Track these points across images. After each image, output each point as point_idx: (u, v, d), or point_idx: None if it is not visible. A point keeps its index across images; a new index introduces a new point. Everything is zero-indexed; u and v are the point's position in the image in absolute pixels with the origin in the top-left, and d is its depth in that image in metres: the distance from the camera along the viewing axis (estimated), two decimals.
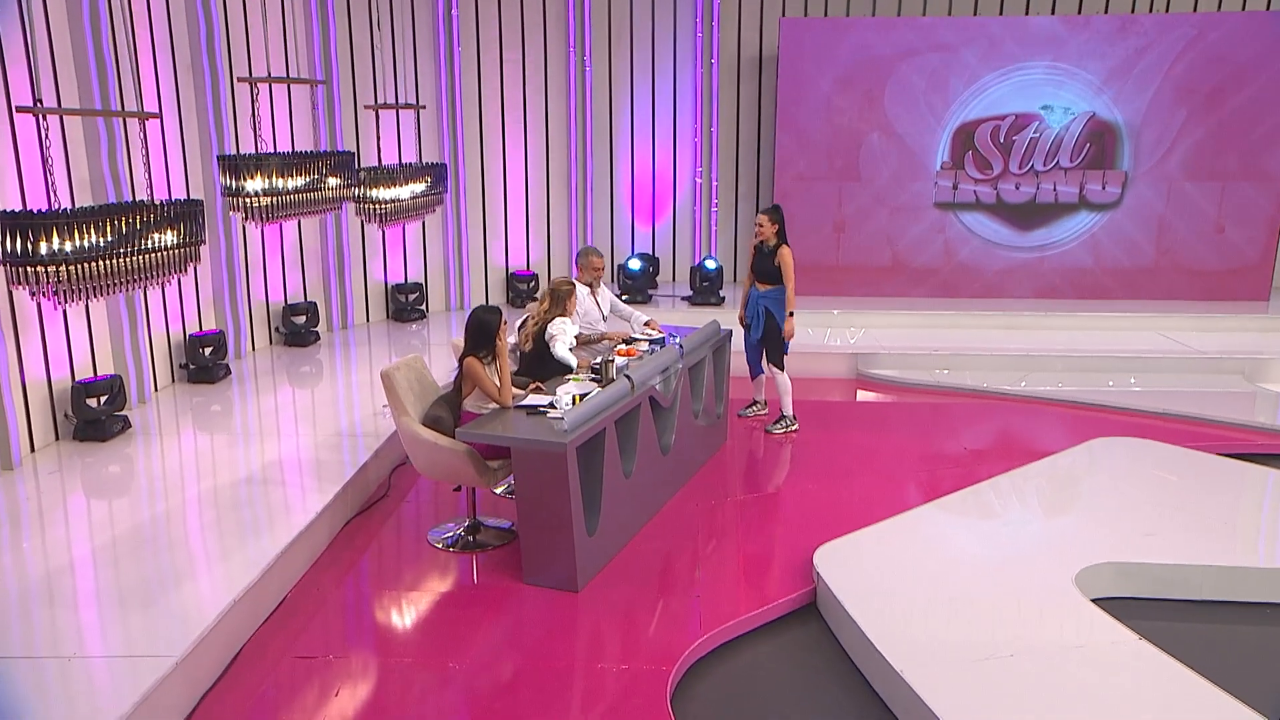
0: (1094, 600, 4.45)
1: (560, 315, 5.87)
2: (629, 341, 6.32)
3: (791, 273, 6.68)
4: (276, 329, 8.88)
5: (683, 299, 10.17)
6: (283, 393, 7.54)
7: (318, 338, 9.01)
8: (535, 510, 4.70)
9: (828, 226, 10.51)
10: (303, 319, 8.89)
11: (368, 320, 9.95)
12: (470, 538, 5.30)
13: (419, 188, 7.46)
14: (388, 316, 10.09)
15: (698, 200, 11.06)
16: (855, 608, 4.34)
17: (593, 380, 5.45)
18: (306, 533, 4.91)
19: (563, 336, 5.78)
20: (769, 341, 6.80)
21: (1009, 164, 10.28)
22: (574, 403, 4.95)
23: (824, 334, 9.40)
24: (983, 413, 7.80)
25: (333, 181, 6.31)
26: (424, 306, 10.20)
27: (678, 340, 6.19)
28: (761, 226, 6.70)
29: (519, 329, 5.91)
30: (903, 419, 7.69)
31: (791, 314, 6.67)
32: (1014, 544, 5.09)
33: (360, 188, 6.94)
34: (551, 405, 4.98)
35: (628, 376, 5.31)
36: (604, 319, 6.53)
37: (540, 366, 5.79)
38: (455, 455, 4.92)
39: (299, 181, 5.86)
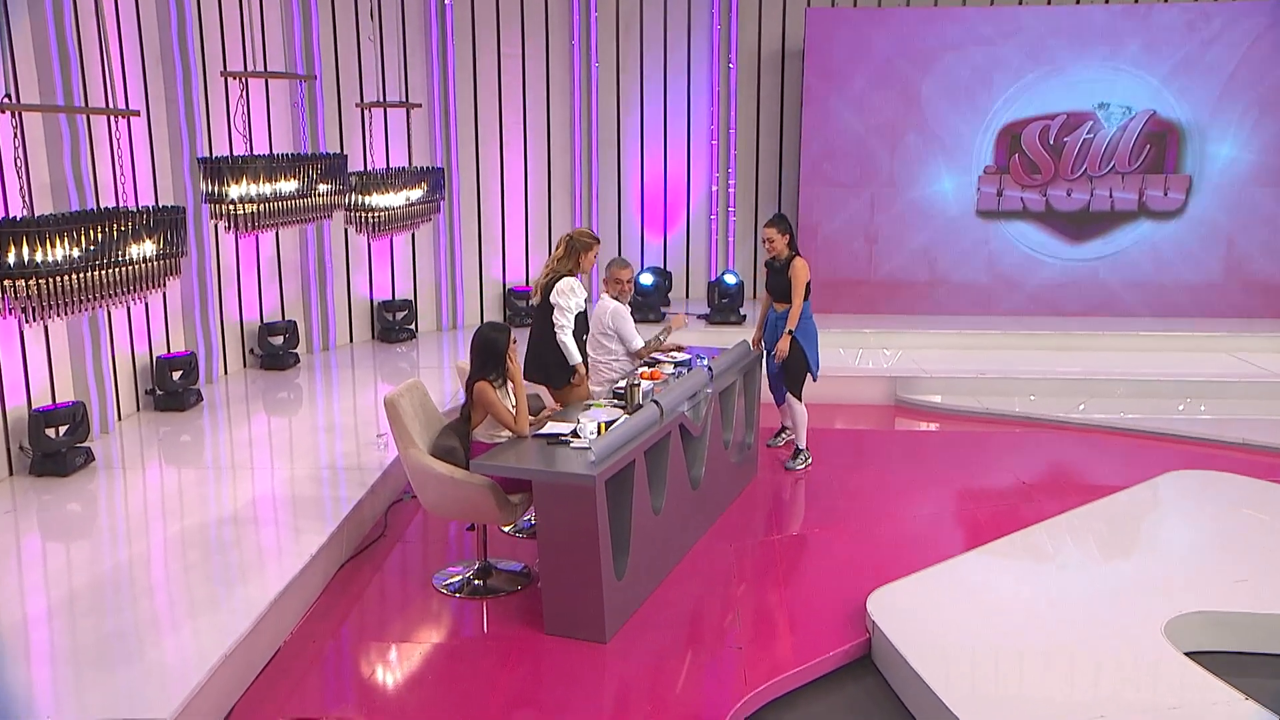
0: (1186, 654, 4.40)
1: (572, 271, 5.80)
2: (651, 364, 6.28)
3: (801, 287, 6.64)
4: (252, 350, 8.84)
5: (699, 317, 10.16)
6: (259, 422, 7.49)
7: (297, 360, 8.98)
8: (559, 552, 4.65)
9: (859, 238, 10.51)
10: (281, 339, 8.86)
11: (351, 341, 9.92)
12: (480, 582, 5.24)
13: (415, 194, 7.45)
14: (373, 337, 10.07)
15: (714, 209, 11.08)
16: (919, 660, 4.28)
17: (617, 406, 5.42)
18: (299, 579, 4.84)
19: (567, 307, 5.70)
20: (789, 371, 6.79)
21: (1060, 168, 10.32)
22: (600, 431, 4.91)
23: (856, 356, 9.39)
24: (1036, 443, 7.78)
25: (323, 187, 6.28)
26: (413, 326, 10.17)
27: (706, 362, 6.16)
28: (771, 241, 6.67)
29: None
30: (948, 450, 7.67)
31: (790, 332, 6.61)
32: (1088, 590, 5.04)
33: (353, 194, 6.92)
34: (574, 434, 4.94)
35: (656, 402, 5.28)
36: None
37: (546, 329, 5.74)
38: (475, 490, 4.88)
39: (287, 187, 5.84)
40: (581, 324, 5.95)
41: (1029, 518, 6.06)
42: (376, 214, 7.04)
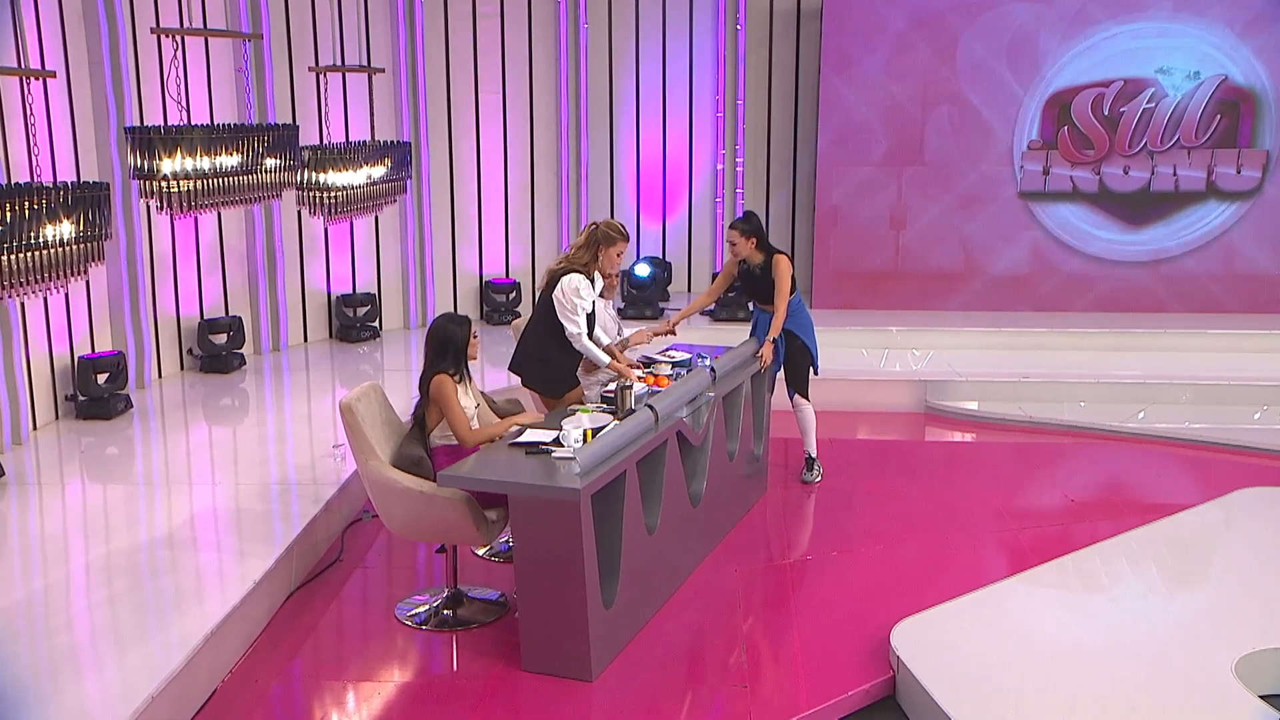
0: (1262, 697, 4.39)
1: (585, 268, 5.75)
2: (648, 364, 6.27)
3: (787, 289, 6.67)
4: (190, 351, 8.81)
5: (702, 313, 10.14)
6: (199, 431, 7.47)
7: (243, 362, 8.96)
8: (539, 576, 4.62)
9: (883, 222, 10.50)
10: (224, 338, 8.84)
11: (306, 340, 9.89)
12: (450, 612, 5.23)
13: (377, 172, 7.44)
14: (331, 335, 10.05)
15: (720, 192, 11.07)
16: (950, 702, 4.27)
17: (606, 411, 5.40)
18: (240, 609, 4.82)
19: (571, 309, 5.67)
20: (790, 364, 6.78)
21: (1116, 142, 10.30)
22: (585, 439, 4.89)
23: (881, 358, 9.38)
24: (1087, 456, 7.76)
25: (271, 163, 6.28)
26: (377, 323, 10.14)
27: (708, 362, 6.15)
28: (734, 245, 6.67)
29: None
30: (985, 463, 7.64)
31: (774, 340, 6.62)
32: (1147, 624, 5.03)
33: (305, 171, 6.92)
34: (557, 442, 4.92)
35: (650, 407, 5.26)
36: (620, 334, 6.49)
37: (545, 324, 5.74)
38: (448, 506, 4.86)
39: (229, 162, 5.83)
40: (587, 323, 5.89)
41: (1078, 541, 6.04)
42: (332, 194, 7.04)
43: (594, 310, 5.91)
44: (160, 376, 8.55)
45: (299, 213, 9.19)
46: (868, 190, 10.44)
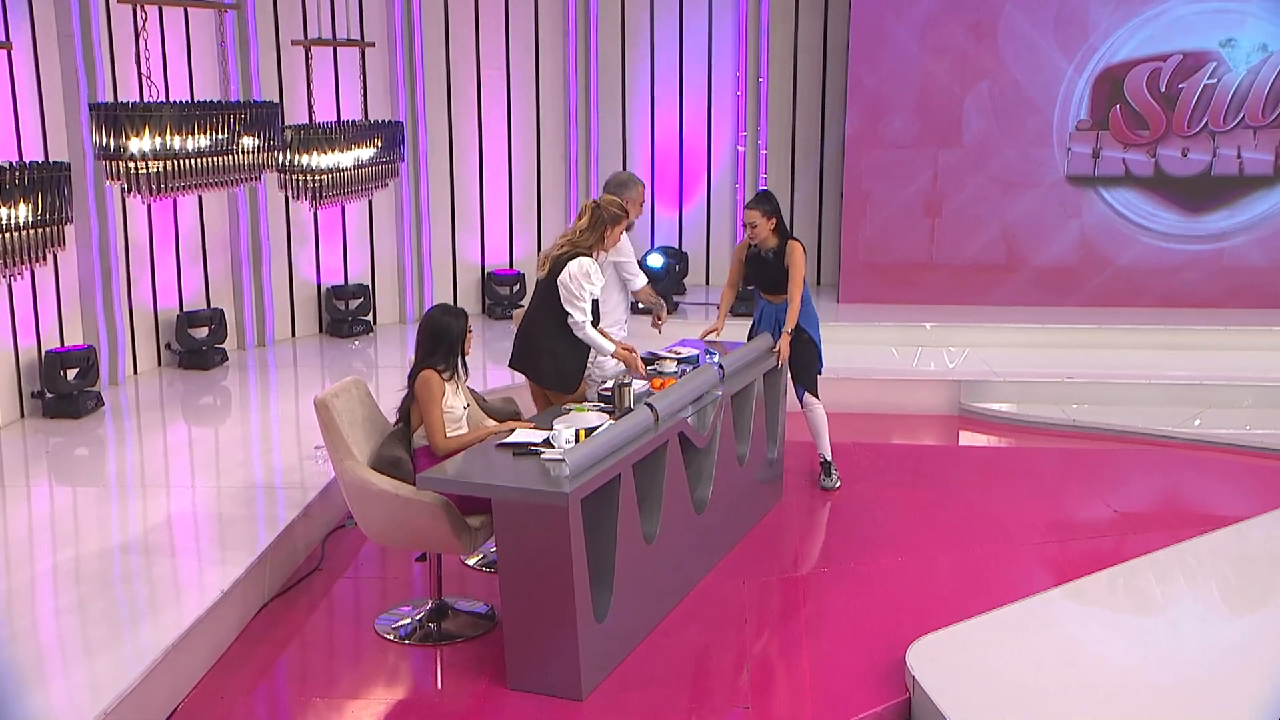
0: None
1: (590, 249, 5.79)
2: (650, 361, 6.28)
3: (802, 278, 6.65)
4: (168, 345, 8.88)
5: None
6: (177, 431, 7.53)
7: (225, 357, 9.02)
8: (525, 588, 4.63)
9: (917, 209, 10.47)
10: (205, 332, 8.91)
11: (294, 335, 9.95)
12: (433, 626, 5.25)
13: (366, 154, 7.47)
14: (321, 330, 10.10)
15: (740, 176, 11.06)
16: None
17: (602, 410, 5.41)
18: (207, 620, 4.85)
19: (579, 296, 5.70)
20: (798, 362, 6.78)
21: (1174, 122, 10.24)
22: (577, 439, 4.90)
23: (913, 355, 9.37)
24: (1136, 463, 7.72)
25: (249, 142, 6.32)
26: (370, 317, 10.19)
27: (716, 359, 6.15)
28: (755, 227, 6.64)
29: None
30: (1022, 470, 7.61)
31: (790, 332, 6.61)
32: (1192, 644, 4.99)
33: (286, 152, 6.96)
34: (547, 443, 4.94)
35: (649, 405, 5.27)
36: (626, 314, 6.52)
37: (547, 314, 5.78)
38: (424, 511, 4.88)
39: (202, 141, 5.87)
40: (596, 314, 5.94)
41: (1121, 555, 6.01)
42: (317, 177, 7.07)
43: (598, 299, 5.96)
44: (136, 373, 8.62)
45: (286, 198, 9.23)
46: (900, 175, 10.41)
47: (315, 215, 9.80)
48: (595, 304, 5.89)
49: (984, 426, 8.49)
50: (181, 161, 5.80)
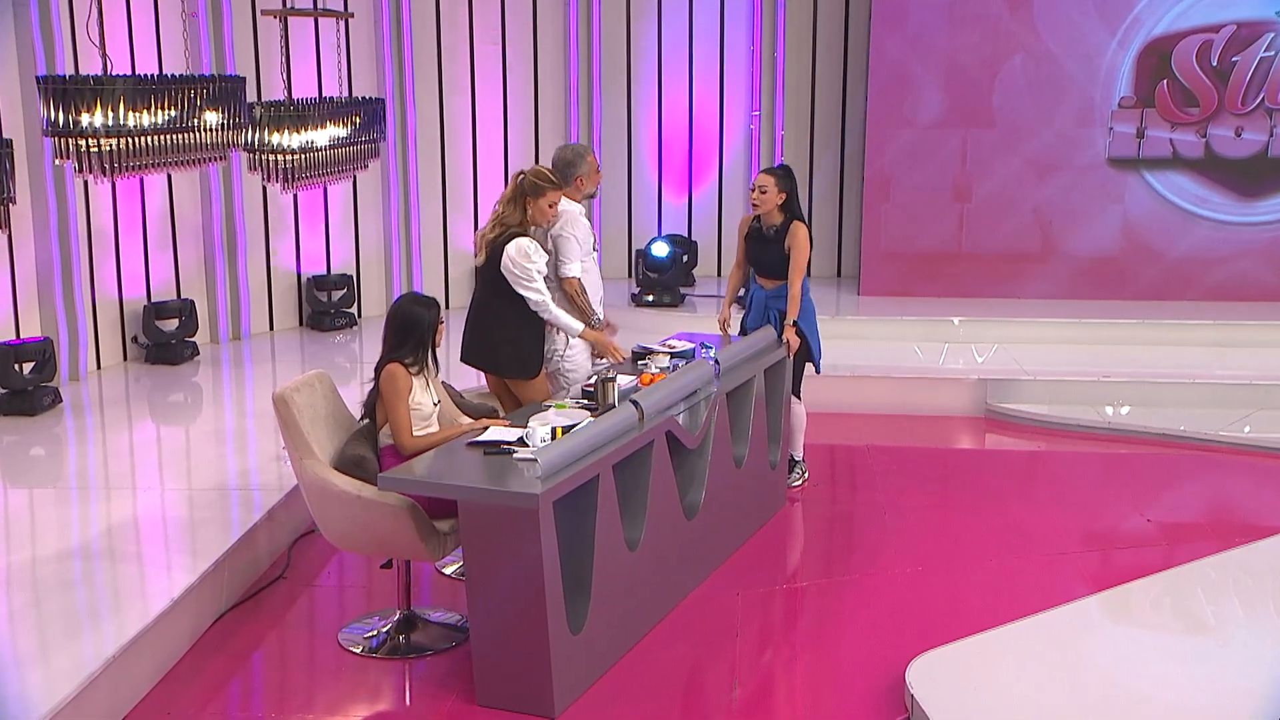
0: None
1: (521, 224, 5.82)
2: (641, 356, 6.27)
3: (805, 263, 6.64)
4: (135, 339, 8.94)
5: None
6: (138, 429, 7.58)
7: (195, 352, 9.07)
8: (493, 596, 4.64)
9: (945, 194, 10.43)
10: (174, 324, 8.96)
11: (271, 328, 10.00)
12: (402, 638, 5.25)
13: (342, 132, 7.50)
14: (301, 323, 10.15)
15: (755, 157, 11.05)
16: None
17: (583, 407, 5.41)
18: (154, 630, 4.87)
19: (526, 276, 5.72)
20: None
21: (1226, 98, 10.17)
22: (554, 437, 4.91)
23: (940, 352, 9.34)
24: (1178, 470, 7.68)
25: (212, 119, 6.34)
26: (354, 309, 10.23)
27: (712, 353, 6.15)
28: (765, 192, 6.61)
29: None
30: (1052, 476, 7.59)
31: (795, 322, 6.61)
32: (1220, 667, 4.93)
33: (254, 130, 6.98)
34: (521, 441, 4.94)
35: (634, 402, 5.27)
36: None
37: (494, 301, 5.80)
38: (388, 514, 4.89)
39: (159, 117, 5.89)
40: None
41: (1151, 567, 5.98)
42: (287, 157, 7.09)
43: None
44: (99, 368, 8.67)
45: (263, 181, 9.28)
46: (926, 157, 10.38)
47: (295, 200, 9.85)
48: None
49: (1012, 429, 8.46)
50: (137, 139, 5.82)
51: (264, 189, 9.55)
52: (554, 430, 4.98)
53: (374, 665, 5.13)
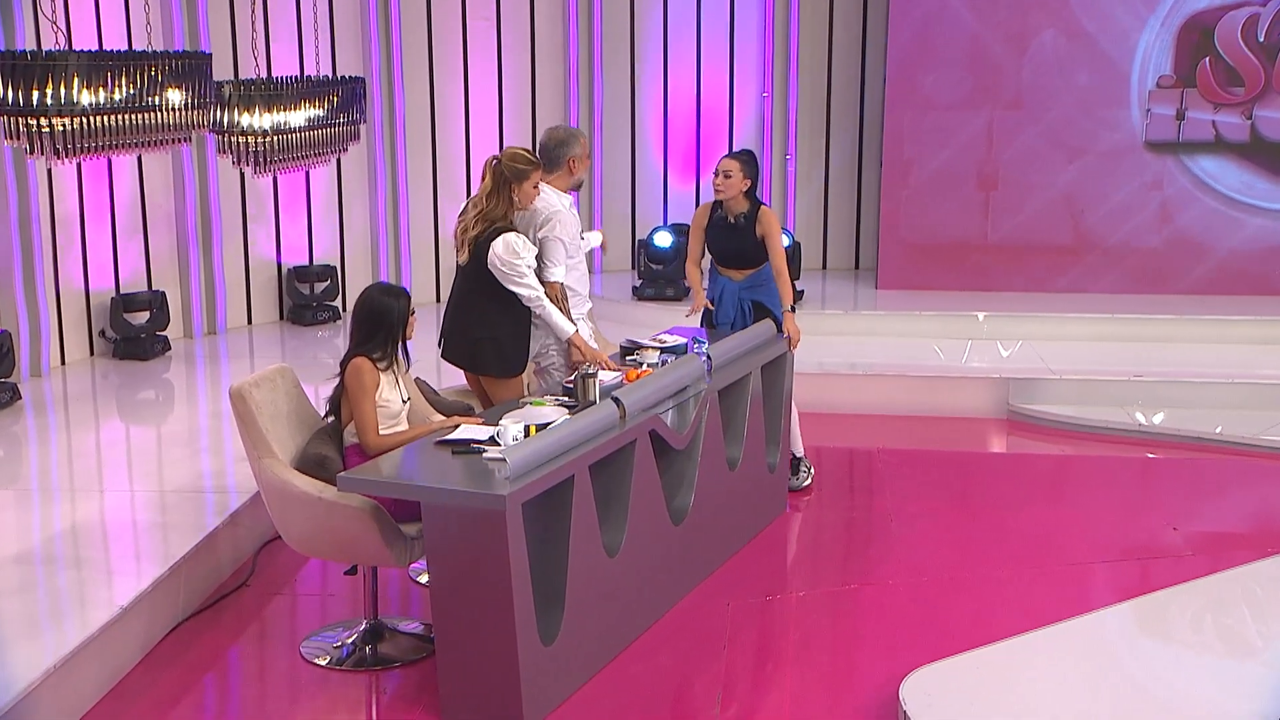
0: None
1: (506, 216, 5.80)
2: (630, 351, 6.26)
3: (782, 244, 6.70)
4: (102, 333, 8.99)
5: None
6: (109, 429, 7.63)
7: (167, 347, 9.12)
8: (459, 604, 4.64)
9: (969, 182, 10.42)
10: (144, 317, 9.00)
11: (249, 322, 10.05)
12: (369, 649, 5.26)
13: (318, 113, 7.49)
14: (281, 316, 10.20)
15: (767, 141, 11.03)
16: None
17: (562, 405, 5.42)
18: (102, 639, 4.88)
19: (517, 272, 5.73)
20: None
21: (1273, 77, 10.12)
22: (527, 435, 4.91)
23: (962, 350, 9.31)
24: (1212, 476, 7.63)
25: (175, 98, 6.35)
26: (338, 302, 10.26)
27: (704, 348, 6.14)
28: (730, 177, 6.64)
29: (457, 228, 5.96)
30: (1075, 482, 7.57)
31: (792, 309, 6.65)
32: (1243, 683, 4.90)
33: (223, 110, 6.99)
34: (493, 440, 4.95)
35: (615, 399, 5.27)
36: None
37: (476, 297, 5.83)
38: (350, 517, 4.90)
39: (116, 96, 5.90)
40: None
41: (1171, 578, 5.95)
42: (258, 139, 7.07)
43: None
44: (63, 363, 8.72)
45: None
46: (949, 140, 10.37)
47: (275, 186, 9.88)
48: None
49: (1036, 431, 8.42)
50: (92, 119, 5.82)
51: (241, 174, 9.58)
52: (527, 428, 4.98)
53: (337, 678, 5.13)
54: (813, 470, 7.16)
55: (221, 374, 8.96)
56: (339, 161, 9.99)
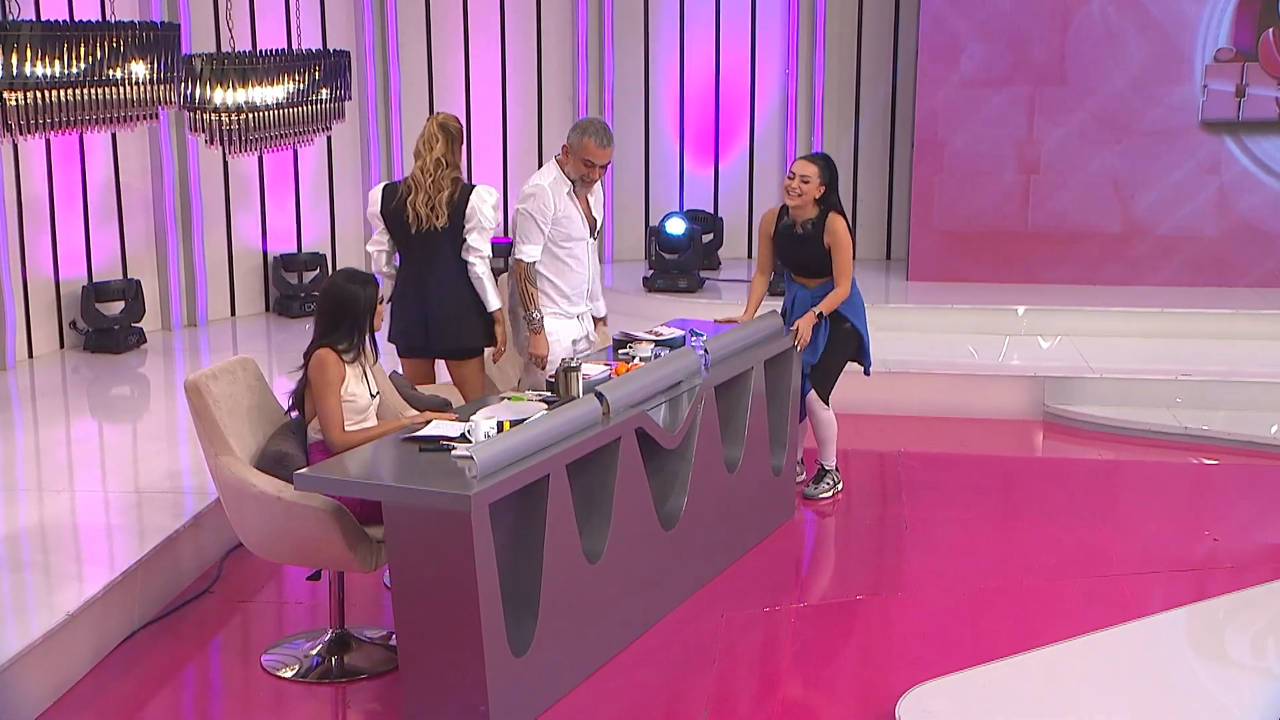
0: None
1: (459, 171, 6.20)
2: (623, 344, 6.28)
3: (850, 258, 6.71)
4: (72, 324, 9.07)
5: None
6: (79, 426, 7.71)
7: (142, 339, 9.19)
8: (422, 613, 4.66)
9: (1009, 165, 10.39)
10: (118, 308, 9.07)
11: (233, 313, 10.13)
12: (334, 661, 5.28)
13: (297, 88, 7.53)
14: (267, 308, 10.28)
15: (791, 120, 11.02)
16: None
17: (544, 400, 5.43)
18: (46, 647, 4.91)
19: (489, 222, 6.12)
20: (826, 360, 6.80)
21: None
22: (500, 431, 4.93)
23: (999, 347, 9.27)
24: (1262, 483, 7.57)
25: (139, 71, 6.40)
26: None
27: (700, 341, 6.14)
28: (807, 182, 6.64)
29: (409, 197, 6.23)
30: (1111, 488, 7.55)
31: (819, 314, 6.65)
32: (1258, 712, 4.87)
33: (193, 85, 7.03)
34: (464, 436, 4.97)
35: (598, 394, 5.28)
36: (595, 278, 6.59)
37: (445, 268, 6.12)
38: (311, 519, 4.92)
39: (75, 69, 5.94)
40: None
41: (1206, 592, 5.95)
42: (231, 116, 7.12)
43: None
44: (30, 356, 8.80)
45: (223, 148, 9.38)
46: (986, 118, 10.33)
47: (260, 168, 9.95)
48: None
49: (1072, 434, 8.39)
50: (46, 93, 5.86)
51: (225, 158, 9.65)
52: (500, 424, 4.99)
53: (299, 691, 5.16)
54: (840, 486, 7.11)
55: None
56: (329, 142, 10.09)
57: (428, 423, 5.24)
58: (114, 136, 9.00)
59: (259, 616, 5.93)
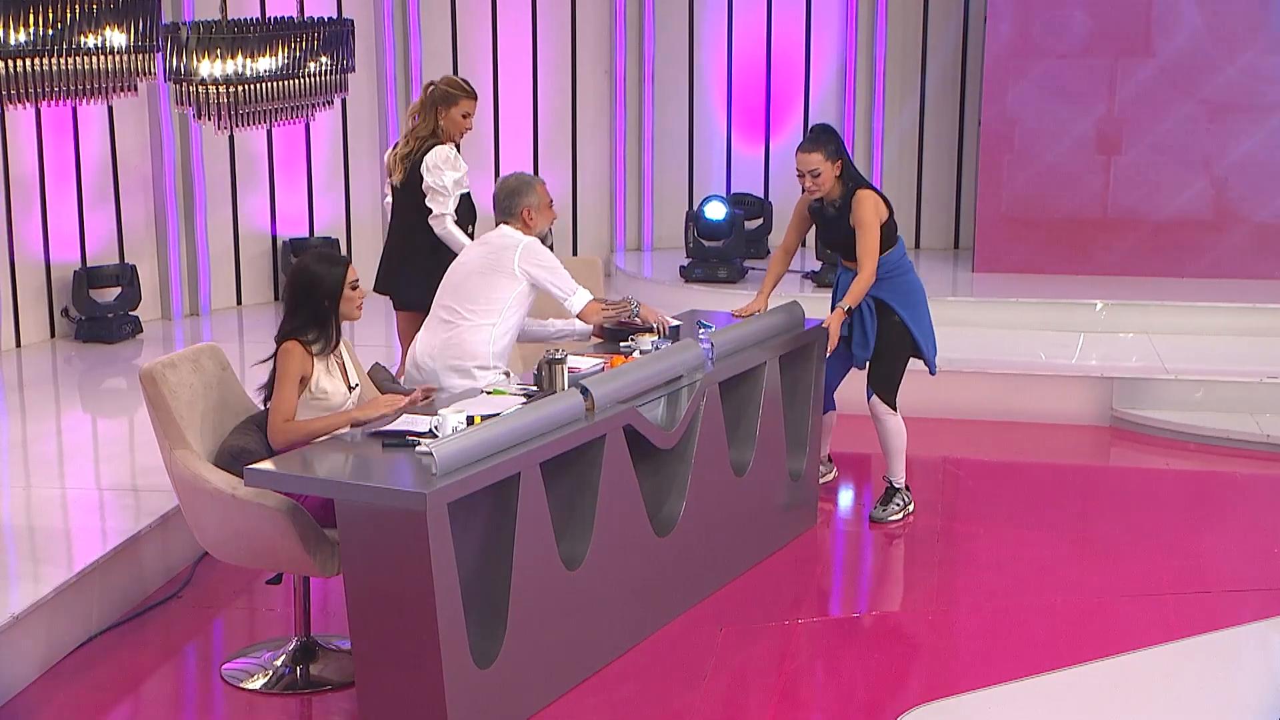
0: None
1: (435, 139, 6.87)
2: (621, 336, 6.30)
3: (876, 237, 6.55)
4: (64, 311, 9.22)
5: (806, 275, 10.13)
6: (70, 419, 7.88)
7: (138, 328, 9.33)
8: (378, 621, 4.72)
9: (1086, 145, 10.34)
10: (113, 295, 9.22)
11: (239, 302, 10.26)
12: (299, 671, 5.36)
13: (291, 58, 7.63)
14: (277, 297, 10.40)
15: (849, 96, 10.99)
16: None
17: (525, 393, 5.49)
18: None
19: (441, 185, 6.84)
20: (880, 359, 6.74)
21: None
22: (470, 425, 4.98)
23: (1074, 344, 9.22)
24: None
25: (117, 39, 6.50)
26: None
27: (706, 333, 6.17)
28: (819, 176, 6.61)
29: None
30: (1176, 501, 7.51)
31: (846, 309, 6.57)
32: None
33: (178, 55, 7.15)
34: (431, 432, 5.03)
35: (582, 388, 5.32)
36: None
37: (412, 224, 6.78)
38: (265, 518, 4.98)
39: (40, 36, 6.05)
40: (466, 212, 7.00)
41: (1259, 613, 5.91)
42: (220, 89, 7.23)
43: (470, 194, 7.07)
44: (18, 345, 8.96)
45: (230, 126, 9.51)
46: (1060, 96, 10.29)
47: (269, 146, 10.07)
48: (468, 199, 7.02)
49: (1141, 441, 8.34)
50: (10, 62, 5.98)
51: (231, 138, 9.77)
52: (471, 418, 5.05)
53: (260, 703, 5.23)
54: (911, 507, 6.96)
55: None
56: (344, 118, 10.20)
57: (396, 413, 5.28)
58: (110, 110, 9.13)
59: (225, 624, 5.99)
